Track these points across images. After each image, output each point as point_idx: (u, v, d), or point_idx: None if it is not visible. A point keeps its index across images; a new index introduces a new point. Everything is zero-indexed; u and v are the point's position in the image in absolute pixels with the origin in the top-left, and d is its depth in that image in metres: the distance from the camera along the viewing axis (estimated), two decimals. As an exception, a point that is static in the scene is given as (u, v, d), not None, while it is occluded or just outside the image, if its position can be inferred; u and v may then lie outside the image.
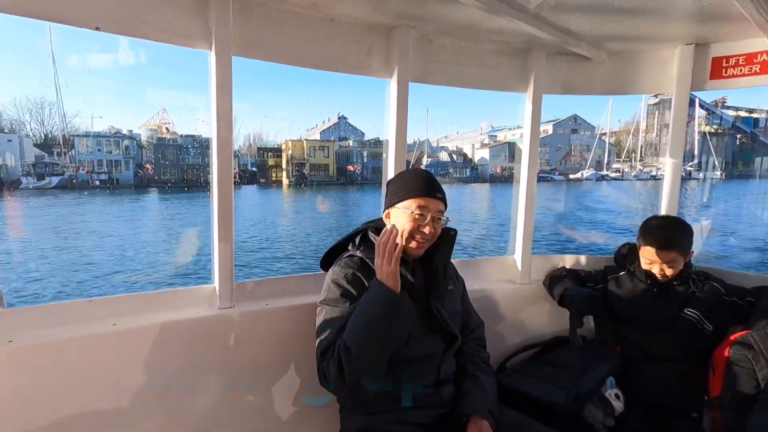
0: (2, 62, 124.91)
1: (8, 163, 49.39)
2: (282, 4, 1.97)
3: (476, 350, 2.02)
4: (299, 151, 64.89)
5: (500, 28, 2.24)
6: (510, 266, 2.74)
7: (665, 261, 2.17)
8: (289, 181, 63.00)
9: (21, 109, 70.48)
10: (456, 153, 78.21)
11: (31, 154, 52.36)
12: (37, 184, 49.68)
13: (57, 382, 1.65)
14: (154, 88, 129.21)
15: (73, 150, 54.19)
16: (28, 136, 58.79)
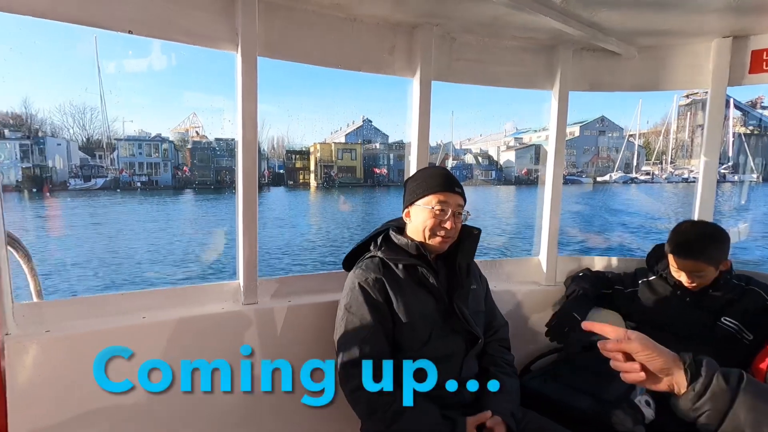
0: (48, 70, 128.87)
1: (57, 166, 51.38)
2: (306, 5, 1.97)
3: (500, 351, 1.95)
4: (327, 154, 65.29)
5: (525, 23, 2.17)
6: (535, 267, 2.65)
7: (691, 271, 2.00)
8: (317, 182, 63.34)
9: (65, 114, 72.64)
10: (481, 155, 77.37)
11: (76, 157, 54.39)
12: (83, 185, 51.47)
13: (89, 370, 1.65)
14: (182, 91, 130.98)
15: (113, 153, 55.83)
16: (74, 140, 60.62)
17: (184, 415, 1.85)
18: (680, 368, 1.06)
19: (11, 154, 47.73)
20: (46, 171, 49.62)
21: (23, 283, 1.78)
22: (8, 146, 48.34)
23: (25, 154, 48.44)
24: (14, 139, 49.82)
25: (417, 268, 1.77)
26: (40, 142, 50.67)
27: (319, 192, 57.76)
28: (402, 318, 1.72)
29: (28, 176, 48.00)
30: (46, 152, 50.04)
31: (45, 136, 54.10)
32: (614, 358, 1.11)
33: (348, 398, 1.68)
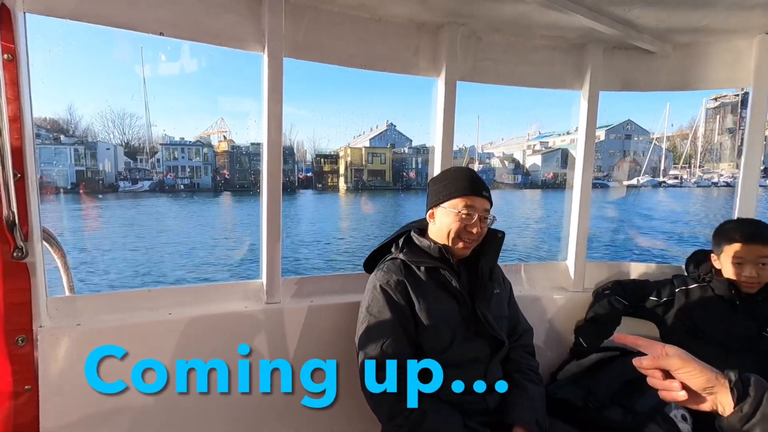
0: (86, 74, 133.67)
1: (106, 169, 53.44)
2: (331, 6, 1.92)
3: (524, 357, 1.84)
4: (358, 158, 65.70)
5: (554, 22, 2.05)
6: (562, 272, 2.50)
7: (758, 256, 1.80)
8: (347, 186, 63.73)
9: (106, 120, 75.99)
10: (507, 159, 76.38)
11: (121, 161, 56.10)
12: (131, 187, 53.55)
13: (117, 364, 1.65)
14: (209, 94, 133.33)
15: (154, 157, 57.49)
16: (121, 144, 62.65)
17: (206, 412, 1.82)
18: (725, 387, 0.93)
19: (66, 158, 49.56)
20: (97, 174, 51.33)
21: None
22: (64, 151, 50.20)
23: (79, 159, 50.15)
24: (69, 144, 51.93)
25: (439, 270, 1.68)
26: (92, 146, 52.51)
27: (349, 195, 58.13)
28: (424, 321, 1.64)
29: (82, 179, 49.85)
30: (97, 156, 51.71)
31: (97, 141, 56.12)
32: (651, 375, 0.97)
33: (369, 402, 1.62)
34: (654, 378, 0.98)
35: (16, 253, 1.48)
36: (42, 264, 1.58)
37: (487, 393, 1.66)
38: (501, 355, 1.73)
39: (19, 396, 1.51)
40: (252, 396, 1.84)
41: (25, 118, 1.47)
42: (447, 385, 1.62)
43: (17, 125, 1.44)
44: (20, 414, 1.51)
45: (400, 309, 1.63)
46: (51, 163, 48.92)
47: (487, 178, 66.15)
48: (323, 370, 1.95)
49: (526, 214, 32.78)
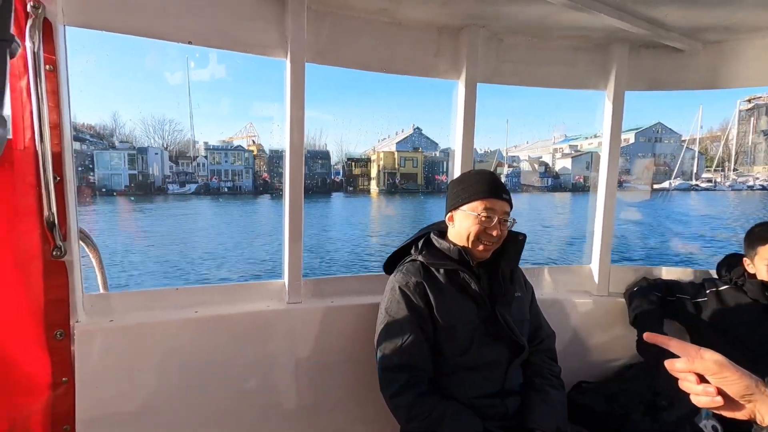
0: (121, 82, 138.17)
1: (155, 173, 55.53)
2: (352, 12, 1.91)
3: (546, 362, 1.76)
4: (390, 162, 65.76)
5: (577, 22, 1.96)
6: (586, 276, 2.38)
7: None
8: (379, 188, 63.89)
9: (147, 126, 78.92)
10: (536, 162, 74.93)
11: (166, 165, 58.00)
12: (179, 190, 54.97)
13: (146, 359, 1.71)
14: (235, 99, 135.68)
15: (195, 161, 59.18)
16: (166, 148, 64.75)
17: (228, 407, 1.83)
18: (766, 395, 0.83)
19: (121, 162, 51.52)
20: (147, 177, 53.29)
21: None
22: (118, 155, 52.27)
23: (131, 163, 52.05)
24: (123, 149, 54.11)
25: (458, 273, 1.63)
26: (143, 151, 54.61)
27: (381, 197, 58.20)
28: (442, 323, 1.59)
29: (135, 182, 51.72)
30: (147, 160, 53.57)
31: (147, 147, 58.21)
32: (684, 379, 0.88)
33: (388, 403, 1.57)
34: (687, 382, 0.88)
35: (56, 252, 1.52)
36: (79, 262, 1.61)
37: (506, 396, 1.60)
38: (521, 359, 1.67)
39: (57, 387, 1.55)
40: (272, 393, 1.88)
41: (65, 125, 1.50)
42: (466, 388, 1.57)
43: (57, 132, 1.48)
44: (57, 404, 1.55)
45: (418, 311, 1.59)
46: (107, 168, 50.89)
47: (514, 183, 65.17)
48: (343, 370, 1.93)
49: (552, 219, 31.93)
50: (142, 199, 47.90)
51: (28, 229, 1.46)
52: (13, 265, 1.44)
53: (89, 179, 49.98)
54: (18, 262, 1.45)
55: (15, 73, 1.39)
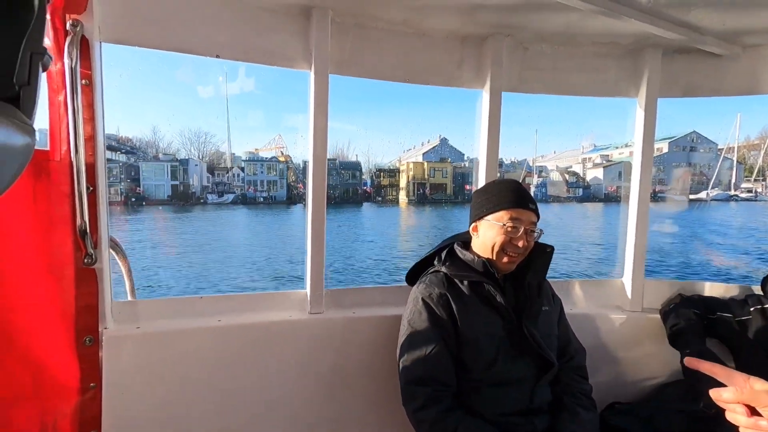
0: (155, 98, 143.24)
1: (195, 183, 57.54)
2: (376, 23, 1.90)
3: (576, 380, 1.66)
4: (420, 172, 65.72)
5: (605, 28, 1.90)
6: (618, 291, 2.26)
7: None
8: (408, 199, 63.92)
9: (184, 138, 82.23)
10: (568, 173, 73.26)
11: (204, 176, 60.15)
12: (218, 200, 56.61)
13: (171, 366, 1.71)
14: (260, 111, 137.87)
15: (229, 172, 61.16)
16: (203, 159, 66.84)
17: (251, 415, 1.81)
18: None
19: (164, 173, 53.26)
20: (189, 188, 55.19)
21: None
22: (162, 167, 54.50)
23: (173, 174, 53.82)
24: (166, 161, 56.06)
25: (483, 285, 1.57)
26: (184, 163, 56.60)
27: (411, 207, 58.14)
28: (466, 336, 1.53)
29: (177, 192, 53.56)
30: (188, 172, 55.31)
31: (188, 158, 60.12)
32: (732, 411, 0.78)
33: (410, 418, 1.51)
34: (735, 413, 0.79)
35: (87, 259, 1.55)
36: (108, 270, 1.64)
37: (534, 415, 1.52)
38: (549, 377, 1.58)
39: (85, 392, 1.56)
40: (293, 404, 1.85)
41: (98, 137, 1.54)
42: (492, 405, 1.50)
43: (91, 143, 1.52)
44: (85, 409, 1.56)
45: (441, 323, 1.54)
46: (152, 178, 52.77)
47: (545, 192, 63.81)
48: (364, 383, 1.88)
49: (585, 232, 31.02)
50: (183, 209, 49.56)
51: (61, 237, 1.50)
52: (47, 271, 1.48)
53: (135, 189, 51.86)
54: (52, 268, 1.49)
55: (53, 88, 1.44)
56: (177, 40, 1.68)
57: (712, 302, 1.98)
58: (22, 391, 1.42)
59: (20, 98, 0.52)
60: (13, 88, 0.52)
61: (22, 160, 0.52)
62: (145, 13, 1.61)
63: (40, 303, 1.46)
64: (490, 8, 1.76)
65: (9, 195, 1.36)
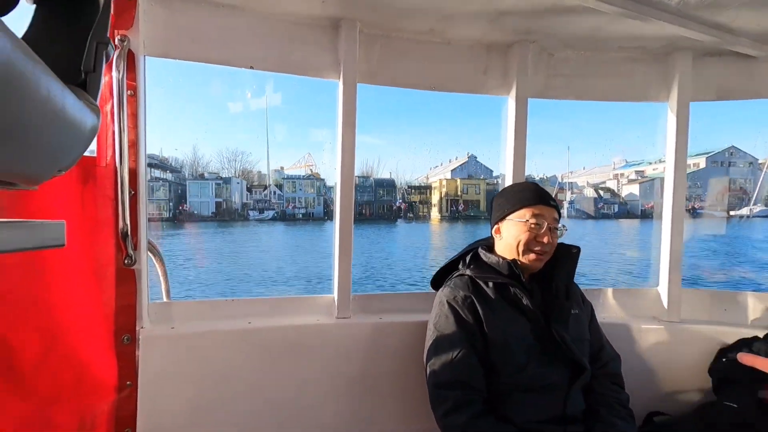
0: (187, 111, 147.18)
1: (236, 200, 59.83)
2: (402, 33, 1.94)
3: (611, 389, 1.58)
4: (453, 189, 65.39)
5: (633, 32, 1.86)
6: (653, 300, 2.15)
7: None
8: (441, 215, 63.81)
9: (222, 158, 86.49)
10: (602, 189, 71.21)
11: (245, 193, 62.91)
12: (259, 216, 59.23)
13: (202, 366, 1.73)
14: (287, 126, 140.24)
15: (267, 189, 63.16)
16: (243, 178, 69.71)
17: (278, 417, 1.80)
18: None
19: (209, 191, 55.10)
20: (231, 204, 56.85)
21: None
22: (207, 185, 57.43)
23: (217, 192, 55.53)
24: (211, 179, 58.09)
25: (509, 287, 1.54)
26: (228, 181, 58.66)
27: (444, 224, 57.72)
28: (494, 339, 1.48)
29: (220, 209, 55.83)
30: (231, 189, 56.95)
31: (231, 177, 61.92)
32: None
33: (439, 423, 1.47)
34: None
35: (127, 260, 1.60)
36: (146, 271, 1.69)
37: (568, 423, 1.46)
38: (582, 382, 1.51)
39: (122, 390, 1.60)
40: (321, 408, 1.83)
41: (141, 144, 1.62)
42: (523, 411, 1.44)
43: (134, 150, 1.59)
44: (122, 407, 1.60)
45: (467, 326, 1.50)
46: (197, 196, 54.64)
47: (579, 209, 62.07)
48: (391, 388, 1.85)
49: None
50: (227, 224, 51.04)
51: (105, 239, 1.57)
52: (91, 271, 1.53)
53: (183, 206, 53.79)
54: (95, 268, 1.56)
55: (102, 98, 1.53)
56: (214, 52, 1.75)
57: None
58: (63, 388, 1.46)
59: (86, 84, 0.57)
60: (80, 75, 0.56)
61: (90, 137, 0.56)
62: (186, 28, 1.70)
63: (84, 302, 1.52)
64: (515, 15, 1.77)
65: (61, 198, 1.43)
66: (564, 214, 65.64)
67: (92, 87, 0.58)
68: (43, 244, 0.51)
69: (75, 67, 0.56)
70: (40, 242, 0.51)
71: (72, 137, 0.51)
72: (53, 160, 0.51)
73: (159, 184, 54.54)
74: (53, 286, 1.43)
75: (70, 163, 0.55)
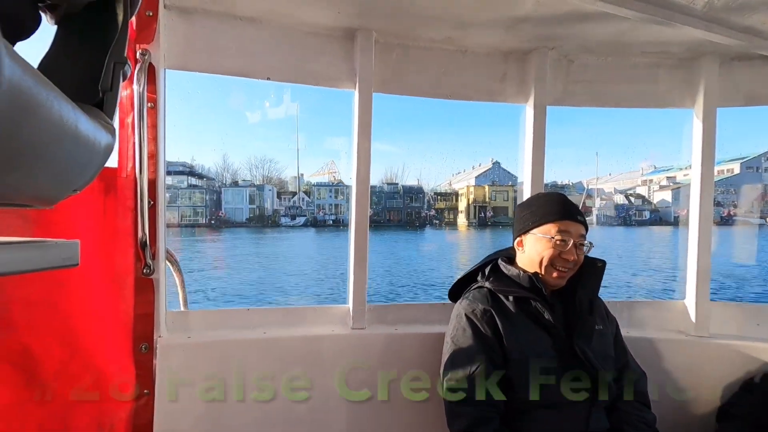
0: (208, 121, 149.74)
1: (268, 207, 61.28)
2: (418, 42, 1.91)
3: (636, 408, 1.50)
4: (481, 195, 64.80)
5: (657, 37, 1.80)
6: (679, 313, 2.04)
7: None
8: (469, 222, 63.77)
9: (252, 165, 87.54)
10: (633, 195, 69.07)
11: (275, 201, 64.43)
12: (291, 222, 60.63)
13: (217, 375, 1.70)
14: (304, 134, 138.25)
15: (295, 196, 64.32)
16: (265, 183, 71.63)
17: (293, 428, 1.77)
18: None
19: (243, 198, 56.42)
20: (264, 211, 59.46)
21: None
22: (241, 192, 59.28)
23: (251, 199, 56.74)
24: (245, 186, 59.67)
25: (530, 302, 1.48)
26: (261, 189, 60.11)
27: (471, 230, 57.23)
28: (513, 355, 1.43)
29: (254, 215, 57.39)
30: (263, 197, 57.94)
31: (264, 184, 63.17)
32: None
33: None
34: None
35: (146, 270, 1.61)
36: (164, 281, 1.70)
37: None
38: (606, 401, 1.44)
39: (140, 398, 1.60)
40: (336, 420, 1.79)
41: (160, 155, 1.63)
42: (543, 429, 1.40)
43: (154, 161, 1.61)
44: (138, 415, 1.60)
45: (486, 340, 1.45)
46: (231, 202, 55.88)
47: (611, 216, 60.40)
48: (406, 401, 1.81)
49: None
50: (260, 230, 52.27)
51: (124, 248, 1.59)
52: (111, 280, 1.55)
53: (218, 213, 55.03)
54: (115, 277, 1.58)
55: (123, 110, 1.55)
56: (232, 64, 1.77)
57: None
58: (83, 395, 1.47)
59: (103, 102, 0.57)
60: (97, 95, 0.56)
61: (104, 156, 0.56)
62: (205, 42, 1.72)
63: (103, 310, 1.54)
64: (533, 21, 1.73)
65: (83, 209, 1.45)
66: (593, 220, 64.14)
67: (109, 106, 0.58)
68: (57, 264, 0.51)
69: (93, 87, 0.56)
70: (53, 262, 0.50)
71: (85, 158, 0.51)
72: (67, 181, 0.50)
73: (196, 191, 56.66)
74: (74, 294, 1.45)
75: (85, 182, 0.55)
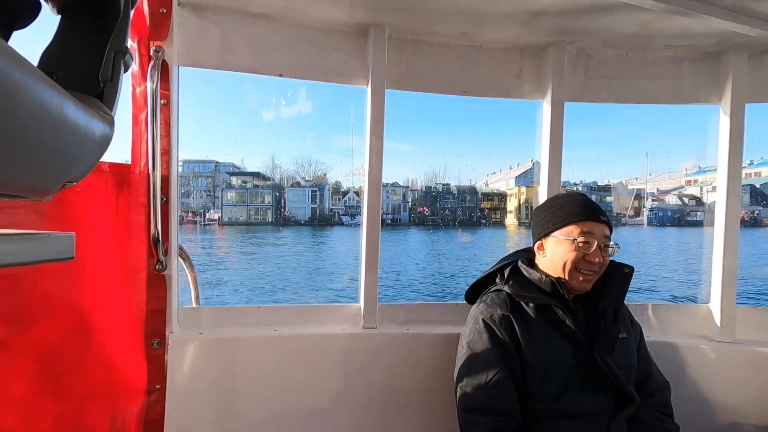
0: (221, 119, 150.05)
1: (327, 206, 63.00)
2: (432, 37, 1.82)
3: (660, 420, 1.37)
4: (532, 196, 62.51)
5: (682, 30, 1.67)
6: (704, 318, 1.90)
7: None
8: (519, 221, 64.22)
9: (297, 165, 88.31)
10: (686, 196, 64.44)
11: (331, 200, 65.94)
12: (351, 221, 60.90)
13: (228, 372, 1.66)
14: (315, 133, 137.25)
15: (345, 196, 65.88)
16: (329, 185, 73.49)
17: (301, 427, 1.69)
18: None
19: (306, 198, 57.97)
20: (324, 210, 62.26)
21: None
22: (303, 192, 62.15)
23: (313, 199, 58.42)
24: (307, 186, 62.04)
25: (551, 307, 1.36)
26: (321, 189, 63.20)
27: (522, 229, 56.21)
28: (532, 363, 1.32)
29: (315, 214, 60.66)
30: (324, 196, 59.95)
31: (324, 185, 64.56)
32: None
33: None
34: None
35: (158, 266, 1.57)
36: (177, 277, 1.67)
37: None
38: (628, 413, 1.32)
39: (151, 394, 1.57)
40: (344, 419, 1.72)
41: (173, 151, 1.60)
42: None
43: (166, 158, 1.57)
44: (150, 410, 1.56)
45: (504, 346, 1.35)
46: (295, 202, 57.58)
47: (665, 217, 56.63)
48: (418, 403, 1.74)
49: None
50: (322, 228, 54.99)
51: (137, 244, 1.56)
52: (124, 275, 1.53)
53: (283, 212, 56.87)
54: (128, 273, 1.56)
55: (137, 107, 1.51)
56: (244, 61, 1.71)
57: None
58: (96, 390, 1.44)
59: (103, 93, 0.54)
60: (98, 85, 0.53)
61: (101, 147, 0.53)
62: (218, 39, 1.67)
63: (116, 305, 1.53)
64: (551, 14, 1.63)
65: (97, 205, 1.43)
66: (644, 221, 60.07)
67: (109, 96, 0.54)
68: (51, 257, 0.47)
69: (95, 77, 0.52)
70: (47, 255, 0.47)
71: (76, 147, 0.47)
72: (57, 171, 0.46)
73: (263, 191, 59.31)
74: (88, 289, 1.42)
75: (81, 173, 0.51)
